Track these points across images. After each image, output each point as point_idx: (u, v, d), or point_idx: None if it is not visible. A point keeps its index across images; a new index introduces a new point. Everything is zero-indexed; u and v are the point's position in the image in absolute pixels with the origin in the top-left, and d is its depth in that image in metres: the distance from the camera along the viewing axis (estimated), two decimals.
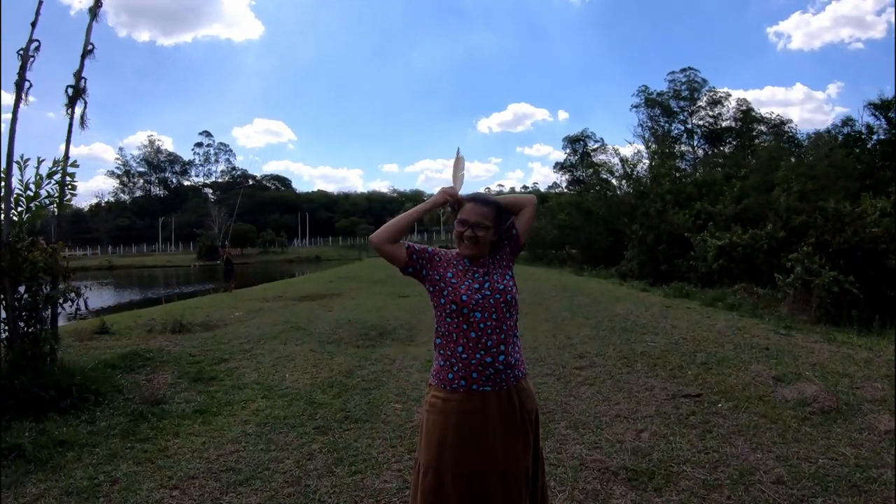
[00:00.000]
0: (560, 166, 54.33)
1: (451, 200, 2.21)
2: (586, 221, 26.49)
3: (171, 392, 5.24)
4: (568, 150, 53.09)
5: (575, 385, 5.24)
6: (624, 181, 25.41)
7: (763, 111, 48.41)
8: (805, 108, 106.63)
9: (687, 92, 49.34)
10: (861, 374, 5.31)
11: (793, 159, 23.79)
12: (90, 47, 6.07)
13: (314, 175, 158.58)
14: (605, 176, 28.54)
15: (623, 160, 24.98)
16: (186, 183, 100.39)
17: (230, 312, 10.86)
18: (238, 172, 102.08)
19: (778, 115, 48.68)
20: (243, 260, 61.03)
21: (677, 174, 24.84)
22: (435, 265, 2.21)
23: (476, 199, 2.21)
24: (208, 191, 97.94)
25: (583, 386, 5.21)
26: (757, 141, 42.37)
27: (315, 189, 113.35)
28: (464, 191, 2.31)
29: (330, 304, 12.28)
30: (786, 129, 43.69)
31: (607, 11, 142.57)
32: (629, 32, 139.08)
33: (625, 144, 33.75)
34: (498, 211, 2.21)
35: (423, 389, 5.18)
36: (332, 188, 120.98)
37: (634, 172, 24.35)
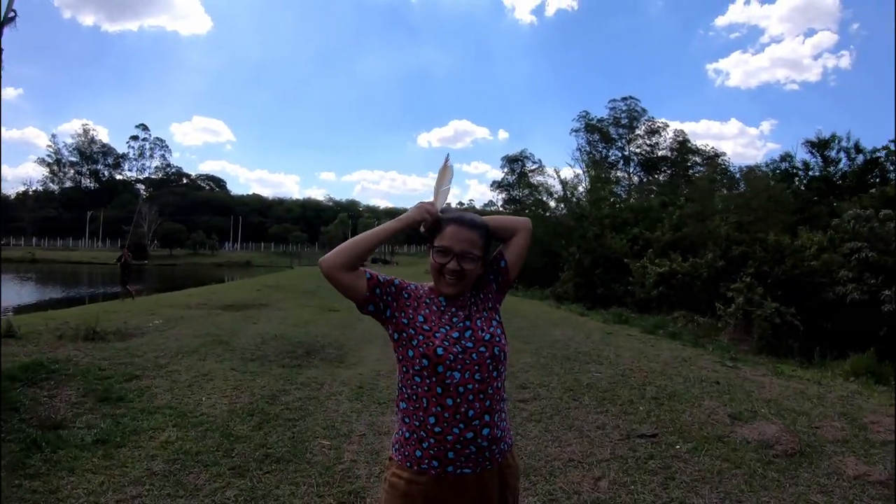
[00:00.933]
0: (497, 185, 55.31)
1: (429, 220, 1.75)
2: None
3: (72, 414, 4.58)
4: (506, 170, 54.39)
5: (521, 421, 4.83)
6: (562, 204, 25.71)
7: (698, 143, 50.98)
8: (738, 143, 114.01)
9: (626, 120, 51.13)
10: (817, 411, 5.20)
11: (724, 191, 24.83)
12: (11, 14, 5.38)
13: (250, 178, 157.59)
14: (541, 197, 28.92)
15: (563, 182, 25.32)
16: (119, 177, 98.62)
17: (149, 320, 10.09)
18: (173, 170, 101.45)
19: (712, 147, 51.45)
20: (171, 261, 62.02)
21: (613, 199, 25.42)
22: (403, 304, 1.74)
23: (462, 220, 1.73)
24: (140, 187, 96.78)
25: (529, 423, 4.81)
26: (691, 171, 44.17)
27: (250, 192, 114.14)
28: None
29: (256, 316, 11.63)
30: (719, 161, 45.84)
31: (556, 37, 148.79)
32: (575, 59, 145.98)
33: (563, 167, 34.68)
34: (487, 236, 1.77)
35: (354, 422, 4.68)
36: (267, 193, 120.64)
37: (574, 195, 24.68)
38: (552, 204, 27.44)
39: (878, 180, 24.22)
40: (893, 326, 9.78)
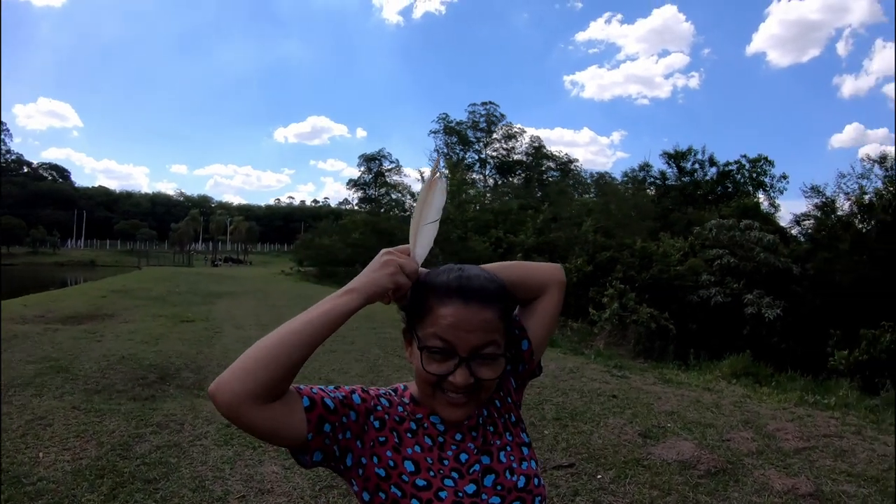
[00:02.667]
0: (353, 183, 55.40)
1: (405, 287, 1.02)
2: (381, 242, 26.25)
3: None
4: (363, 168, 54.48)
5: None
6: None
7: (553, 149, 54.40)
8: (590, 150, 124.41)
9: (485, 124, 53.25)
10: (720, 422, 5.25)
11: (576, 195, 26.33)
12: None
13: (97, 168, 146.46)
14: (397, 196, 29.11)
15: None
16: None
17: None
18: (12, 157, 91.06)
19: (566, 153, 54.99)
20: (8, 261, 55.80)
21: (475, 202, 25.97)
22: (373, 440, 1.02)
23: (466, 291, 0.98)
24: None
25: None
26: (546, 176, 46.66)
27: (96, 184, 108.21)
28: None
29: (101, 331, 10.03)
30: (572, 167, 48.99)
31: (421, 39, 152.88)
32: (438, 62, 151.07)
33: (421, 167, 35.47)
34: (507, 308, 1.05)
35: (227, 477, 3.85)
36: (114, 185, 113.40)
37: None
38: (410, 203, 27.58)
39: (730, 191, 27.08)
40: (755, 327, 10.66)
